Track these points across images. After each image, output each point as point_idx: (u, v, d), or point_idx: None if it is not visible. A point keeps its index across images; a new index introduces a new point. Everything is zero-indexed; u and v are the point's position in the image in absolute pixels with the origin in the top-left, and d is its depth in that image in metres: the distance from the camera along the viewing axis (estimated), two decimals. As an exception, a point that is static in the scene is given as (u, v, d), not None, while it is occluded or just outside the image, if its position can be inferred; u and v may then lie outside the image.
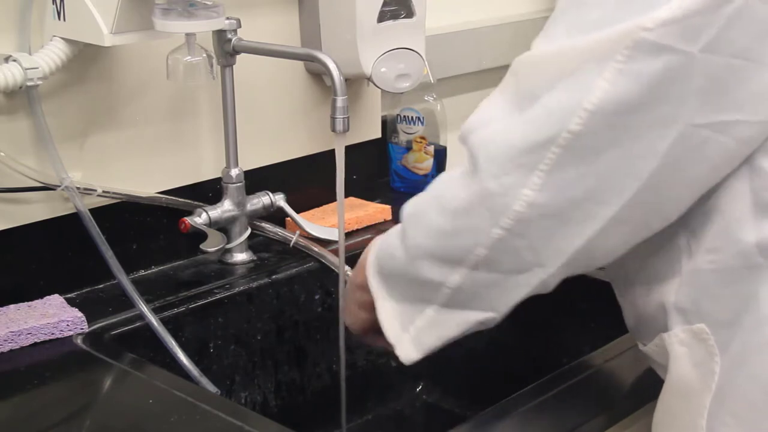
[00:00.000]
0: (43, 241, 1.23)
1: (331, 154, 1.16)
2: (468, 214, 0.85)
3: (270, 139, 1.46)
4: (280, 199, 1.40)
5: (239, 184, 1.35)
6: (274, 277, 1.34)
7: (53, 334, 1.14)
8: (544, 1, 1.92)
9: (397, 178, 1.66)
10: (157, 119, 1.32)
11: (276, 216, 1.42)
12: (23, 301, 1.19)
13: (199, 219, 1.32)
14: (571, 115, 0.78)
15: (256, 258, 1.38)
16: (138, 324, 1.19)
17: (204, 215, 1.32)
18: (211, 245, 1.32)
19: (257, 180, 1.40)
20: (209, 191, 1.38)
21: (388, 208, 1.53)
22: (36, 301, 1.19)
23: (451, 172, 0.89)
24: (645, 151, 0.79)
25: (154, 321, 1.19)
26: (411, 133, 1.64)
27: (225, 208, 1.34)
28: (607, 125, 0.78)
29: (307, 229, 1.42)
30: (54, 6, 1.16)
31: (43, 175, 1.20)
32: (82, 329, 1.16)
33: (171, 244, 1.35)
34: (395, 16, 1.40)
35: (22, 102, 1.18)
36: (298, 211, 1.43)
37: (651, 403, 0.99)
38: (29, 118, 1.19)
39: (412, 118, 1.64)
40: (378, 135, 1.62)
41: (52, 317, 1.15)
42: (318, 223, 1.44)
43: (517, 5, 1.90)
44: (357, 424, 1.43)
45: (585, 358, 1.11)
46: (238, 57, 1.30)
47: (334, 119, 1.15)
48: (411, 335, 0.94)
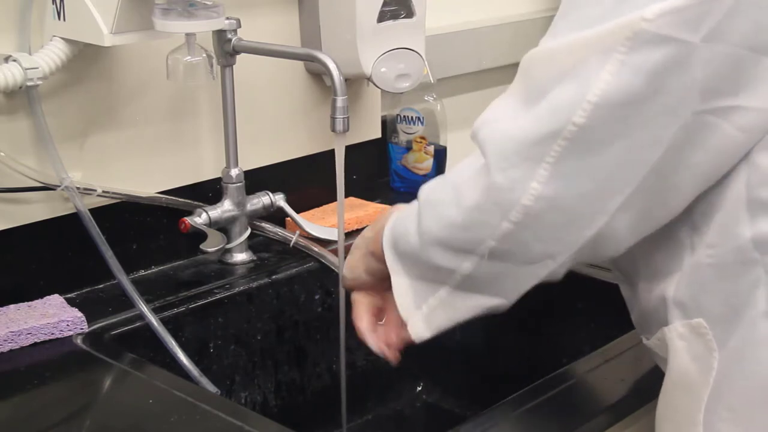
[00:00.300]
0: (43, 241, 1.23)
1: (331, 154, 1.16)
2: (478, 208, 0.86)
3: (270, 139, 1.46)
4: (280, 199, 1.40)
5: (239, 184, 1.35)
6: (274, 277, 1.34)
7: (53, 334, 1.14)
8: (544, 1, 1.92)
9: (397, 178, 1.66)
10: (157, 119, 1.32)
11: (276, 216, 1.42)
12: (23, 301, 1.19)
13: (199, 219, 1.32)
14: (576, 108, 0.79)
15: (256, 258, 1.38)
16: (138, 324, 1.19)
17: (204, 215, 1.32)
18: (211, 245, 1.32)
19: (257, 180, 1.40)
20: (209, 191, 1.38)
21: (387, 208, 1.53)
22: (36, 301, 1.19)
23: (467, 160, 0.90)
24: (650, 142, 0.80)
25: (154, 321, 1.19)
26: (411, 133, 1.64)
27: (225, 208, 1.34)
28: (612, 117, 0.79)
29: (307, 229, 1.42)
30: (54, 6, 1.16)
31: (43, 175, 1.20)
32: (82, 329, 1.16)
33: (171, 244, 1.35)
34: (395, 16, 1.40)
35: (22, 102, 1.18)
36: (298, 211, 1.43)
37: (651, 403, 0.99)
38: (29, 118, 1.19)
39: (412, 118, 1.64)
40: (378, 135, 1.62)
41: (52, 317, 1.15)
42: (318, 223, 1.44)
43: (517, 5, 1.90)
44: (357, 424, 1.43)
45: (585, 358, 1.11)
46: (238, 57, 1.30)
47: (334, 119, 1.15)
48: (423, 313, 0.95)
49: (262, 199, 1.39)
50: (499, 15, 1.86)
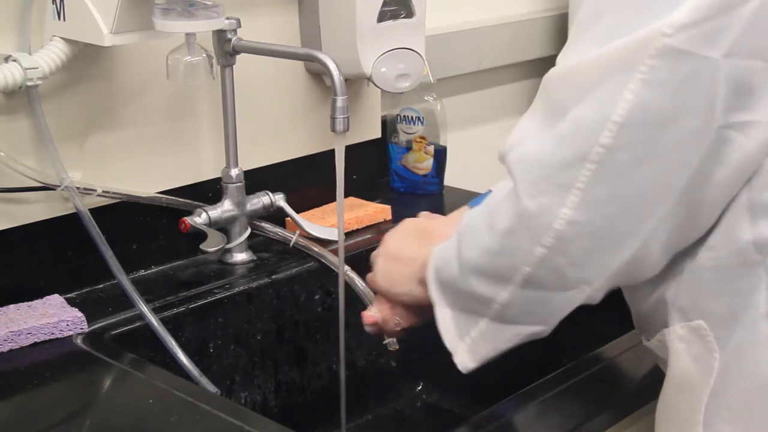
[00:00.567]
0: (43, 241, 1.23)
1: (331, 154, 1.16)
2: (512, 233, 0.86)
3: (270, 139, 1.46)
4: (280, 199, 1.40)
5: (239, 184, 1.35)
6: (274, 277, 1.34)
7: (53, 334, 1.14)
8: (544, 1, 1.92)
9: (397, 178, 1.66)
10: (157, 119, 1.32)
11: (276, 216, 1.42)
12: (23, 301, 1.19)
13: (199, 219, 1.32)
14: (601, 129, 0.79)
15: (256, 258, 1.38)
16: (138, 324, 1.19)
17: (204, 215, 1.32)
18: (211, 245, 1.32)
19: (257, 180, 1.40)
20: (209, 191, 1.38)
21: (387, 208, 1.53)
22: (36, 301, 1.19)
23: (500, 184, 0.90)
24: (678, 162, 0.80)
25: (154, 321, 1.19)
26: (411, 133, 1.64)
27: (225, 208, 1.34)
28: (638, 137, 0.79)
29: (307, 229, 1.42)
30: (54, 6, 1.16)
31: (43, 175, 1.20)
32: (82, 329, 1.16)
33: (171, 244, 1.35)
34: (395, 16, 1.40)
35: (22, 102, 1.18)
36: (298, 211, 1.43)
37: (651, 403, 0.99)
38: (29, 118, 1.19)
39: (412, 118, 1.64)
40: (378, 135, 1.62)
41: (52, 317, 1.14)
42: (318, 223, 1.44)
43: (517, 5, 1.90)
44: (357, 424, 1.43)
45: (585, 358, 1.11)
46: (238, 57, 1.30)
47: (334, 119, 1.15)
48: (467, 344, 0.96)
49: (262, 199, 1.39)
50: (499, 15, 1.86)
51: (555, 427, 0.99)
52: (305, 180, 1.49)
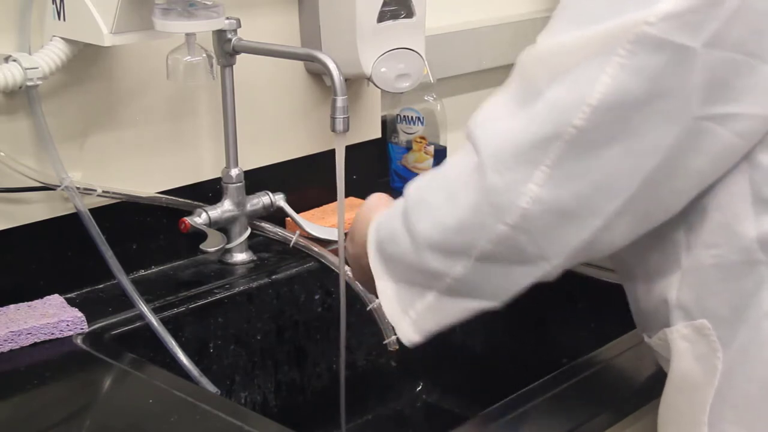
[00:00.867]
0: (43, 241, 1.23)
1: (331, 154, 1.16)
2: (473, 209, 0.85)
3: (270, 139, 1.46)
4: (280, 199, 1.40)
5: (239, 184, 1.35)
6: (274, 277, 1.34)
7: (53, 334, 1.14)
8: (544, 1, 1.92)
9: (397, 178, 1.66)
10: (157, 119, 1.32)
11: (276, 216, 1.42)
12: (23, 301, 1.19)
13: (199, 219, 1.32)
14: (576, 111, 0.79)
15: (256, 258, 1.38)
16: (138, 324, 1.19)
17: (204, 215, 1.32)
18: (211, 245, 1.32)
19: (257, 180, 1.40)
20: (209, 191, 1.38)
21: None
22: (36, 301, 1.19)
23: (458, 159, 0.88)
24: (648, 146, 0.80)
25: (154, 321, 1.19)
26: (411, 133, 1.64)
27: (225, 208, 1.34)
28: (611, 120, 0.79)
29: (307, 229, 1.42)
30: (54, 6, 1.16)
31: (43, 175, 1.20)
32: (82, 329, 1.16)
33: (171, 244, 1.35)
34: (395, 16, 1.40)
35: (22, 102, 1.18)
36: (298, 211, 1.43)
37: (651, 403, 0.99)
38: (29, 118, 1.19)
39: (412, 118, 1.64)
40: (378, 135, 1.62)
41: (52, 317, 1.14)
42: (318, 223, 1.44)
43: (517, 5, 1.90)
44: (357, 424, 1.43)
45: (585, 358, 1.11)
46: (238, 57, 1.30)
47: (334, 119, 1.15)
48: (411, 318, 0.94)
49: (262, 199, 1.39)
50: (499, 15, 1.86)
51: (555, 427, 0.99)
52: (305, 180, 1.49)
